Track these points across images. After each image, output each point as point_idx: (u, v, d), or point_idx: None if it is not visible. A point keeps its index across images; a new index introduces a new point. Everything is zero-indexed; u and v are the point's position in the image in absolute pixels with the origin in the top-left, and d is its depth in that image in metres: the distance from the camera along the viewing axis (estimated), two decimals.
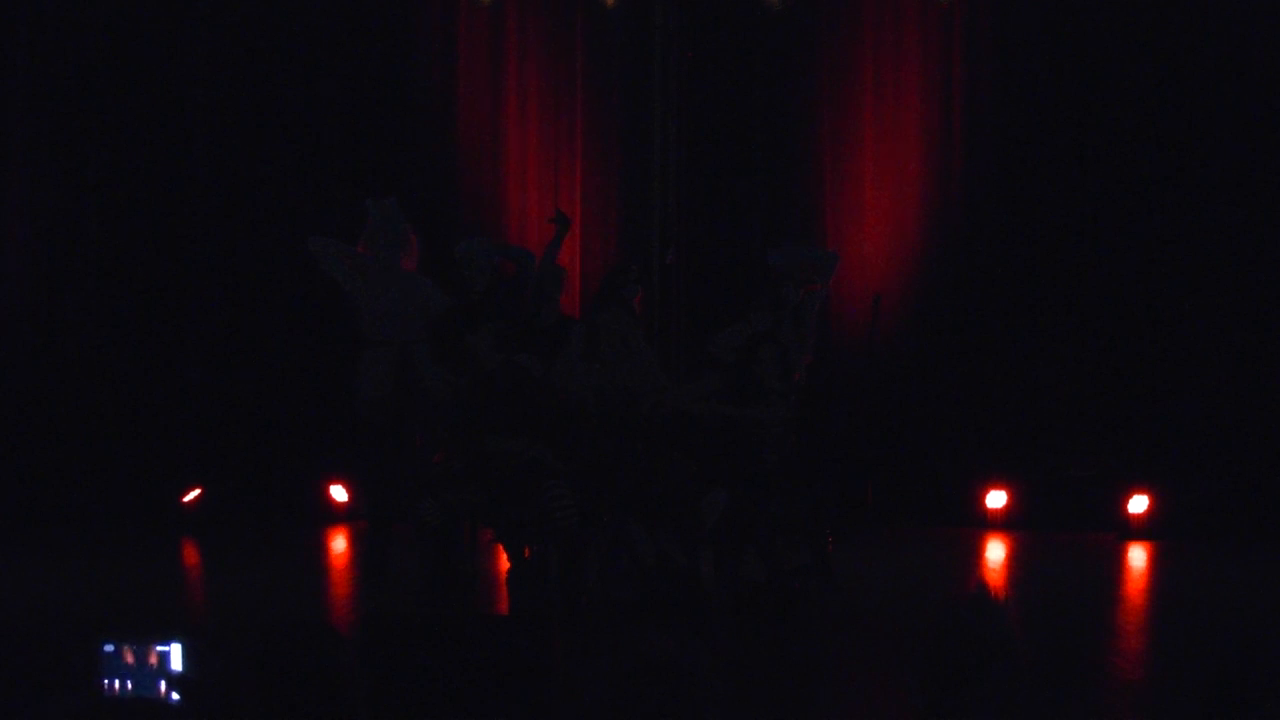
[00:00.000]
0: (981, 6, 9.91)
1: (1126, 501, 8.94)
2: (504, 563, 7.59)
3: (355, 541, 9.03)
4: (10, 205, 9.83)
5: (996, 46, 9.87)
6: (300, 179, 9.87)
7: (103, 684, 2.94)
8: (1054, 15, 9.71)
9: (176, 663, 3.14)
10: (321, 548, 9.01)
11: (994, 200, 9.74)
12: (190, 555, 8.78)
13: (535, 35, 10.16)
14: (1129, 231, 9.47)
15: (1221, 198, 9.39)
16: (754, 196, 10.04)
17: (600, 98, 10.15)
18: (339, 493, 9.62)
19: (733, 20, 9.94)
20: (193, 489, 9.40)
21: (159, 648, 3.11)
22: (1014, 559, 8.52)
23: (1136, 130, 9.54)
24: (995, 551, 8.69)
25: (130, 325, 9.91)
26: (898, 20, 10.04)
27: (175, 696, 3.05)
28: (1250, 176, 9.38)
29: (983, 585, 2.74)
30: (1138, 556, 8.52)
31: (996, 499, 9.19)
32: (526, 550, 7.23)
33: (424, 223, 10.02)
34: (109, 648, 3.09)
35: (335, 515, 9.58)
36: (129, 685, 3.07)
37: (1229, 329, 9.19)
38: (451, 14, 10.12)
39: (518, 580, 7.20)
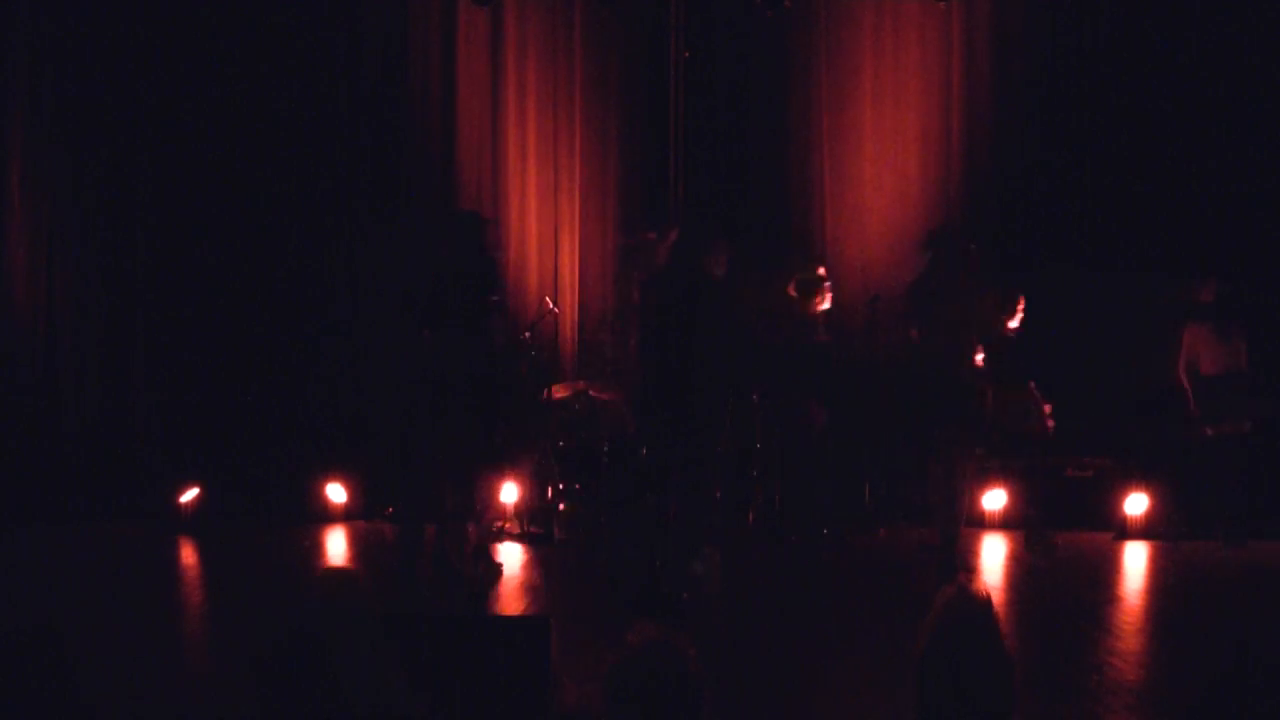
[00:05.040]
0: (980, 6, 9.92)
1: (1126, 501, 8.94)
2: (507, 562, 7.61)
3: (353, 542, 9.04)
4: (10, 204, 9.83)
5: (995, 47, 9.88)
6: (300, 178, 9.87)
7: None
8: (1052, 16, 9.73)
9: None
10: (319, 548, 9.00)
11: (992, 200, 9.75)
12: (189, 555, 8.78)
13: (535, 34, 10.17)
14: (1127, 231, 9.48)
15: (1219, 195, 9.41)
16: (753, 197, 10.05)
17: (599, 97, 10.16)
18: (337, 493, 9.62)
19: (732, 20, 9.94)
20: (192, 489, 9.39)
21: None
22: (1014, 559, 8.52)
23: (1135, 128, 9.56)
24: (996, 551, 8.68)
25: (129, 325, 9.91)
26: (897, 20, 10.05)
27: None
28: (1248, 176, 9.39)
29: (962, 585, 2.78)
30: (1137, 556, 8.52)
31: (996, 499, 9.18)
32: None
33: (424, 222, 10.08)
34: None
35: (333, 515, 9.58)
36: None
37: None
38: (451, 14, 10.13)
39: None
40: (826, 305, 8.87)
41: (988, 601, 2.77)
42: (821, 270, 9.05)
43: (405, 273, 8.63)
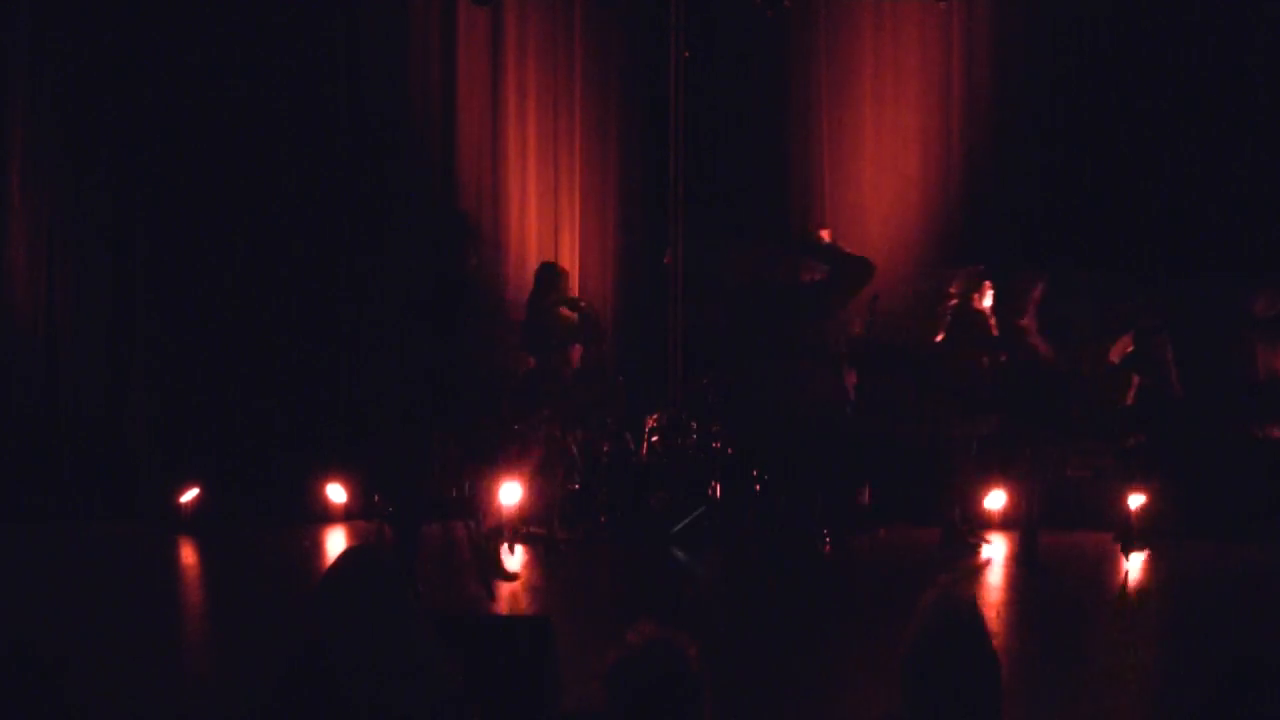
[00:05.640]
0: (980, 6, 9.92)
1: (1126, 501, 8.93)
2: (507, 562, 7.61)
3: (353, 542, 9.03)
4: (10, 204, 9.82)
5: (995, 47, 9.88)
6: (300, 178, 9.86)
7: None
8: (1052, 15, 9.73)
9: None
10: (319, 548, 9.00)
11: (992, 201, 9.75)
12: (189, 555, 8.78)
13: (535, 34, 10.17)
14: (1126, 231, 9.49)
15: (1218, 196, 9.41)
16: (753, 197, 10.05)
17: (599, 97, 10.16)
18: (337, 493, 9.62)
19: (732, 20, 9.94)
20: (192, 489, 9.39)
21: None
22: (1014, 559, 8.51)
23: (1136, 128, 9.56)
24: (995, 551, 8.67)
25: (129, 325, 9.91)
26: (897, 20, 10.05)
27: None
28: (1249, 177, 9.40)
29: (944, 586, 2.78)
30: (1137, 556, 8.51)
31: (996, 499, 9.17)
32: None
33: (423, 222, 10.10)
34: None
35: (333, 515, 9.58)
36: None
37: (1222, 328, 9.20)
38: (451, 14, 10.13)
39: None
40: (989, 301, 8.74)
41: (972, 603, 2.77)
42: (981, 266, 8.92)
43: (406, 274, 8.75)
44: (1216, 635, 6.47)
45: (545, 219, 10.12)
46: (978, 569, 8.11)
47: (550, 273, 8.90)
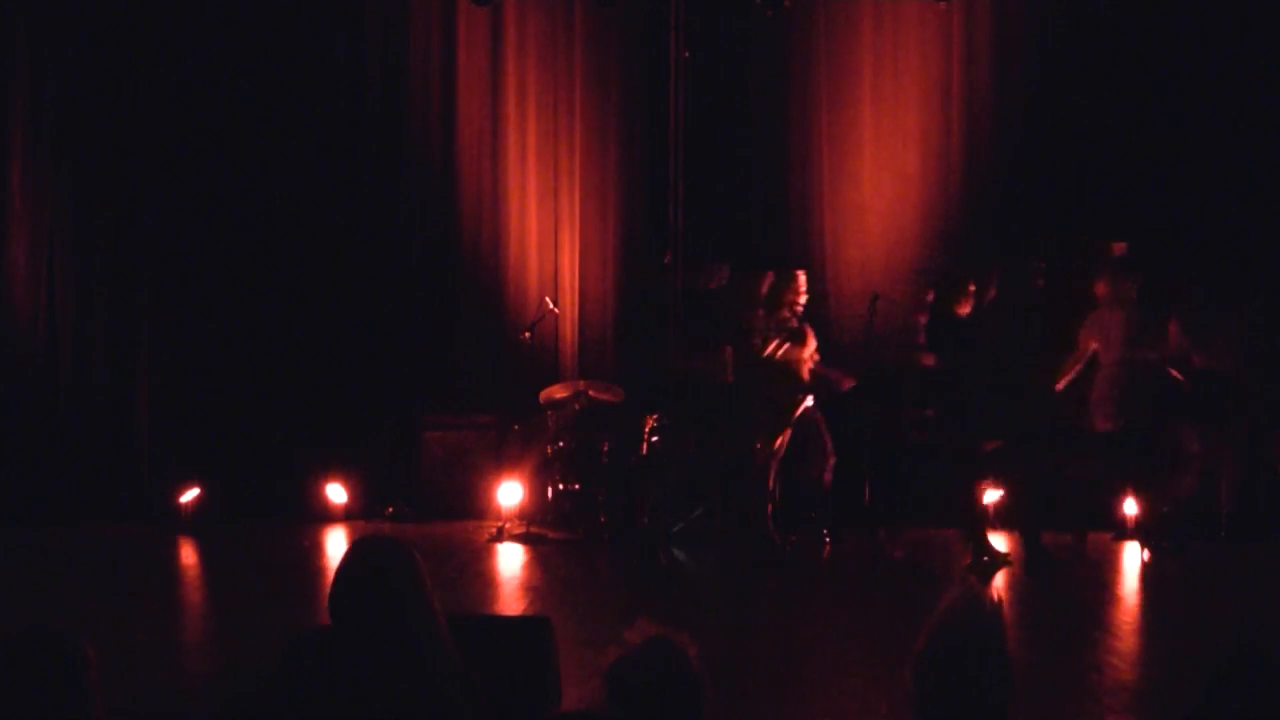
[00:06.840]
0: (980, 7, 9.92)
1: (1125, 502, 8.93)
2: (507, 562, 7.60)
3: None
4: (11, 204, 9.82)
5: (995, 47, 9.88)
6: (301, 178, 9.87)
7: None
8: (1053, 15, 9.73)
9: None
10: (319, 548, 9.01)
11: (993, 200, 9.75)
12: (189, 555, 8.78)
13: (534, 34, 10.17)
14: (1125, 230, 9.48)
15: (1220, 197, 9.40)
16: (753, 197, 10.04)
17: (600, 97, 10.16)
18: (337, 493, 9.62)
19: (732, 20, 9.94)
20: (192, 489, 9.40)
21: None
22: (1013, 559, 8.50)
23: (1136, 126, 9.56)
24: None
25: (129, 325, 9.91)
26: (897, 20, 10.05)
27: None
28: (1252, 176, 9.39)
29: (969, 585, 2.77)
30: (1135, 556, 8.51)
31: (993, 499, 9.16)
32: None
33: (423, 222, 10.10)
34: None
35: (333, 515, 9.58)
36: None
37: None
38: (451, 14, 10.13)
39: None
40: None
41: (997, 605, 2.74)
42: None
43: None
44: (1216, 635, 6.46)
45: (545, 219, 10.12)
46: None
47: (787, 276, 8.79)
